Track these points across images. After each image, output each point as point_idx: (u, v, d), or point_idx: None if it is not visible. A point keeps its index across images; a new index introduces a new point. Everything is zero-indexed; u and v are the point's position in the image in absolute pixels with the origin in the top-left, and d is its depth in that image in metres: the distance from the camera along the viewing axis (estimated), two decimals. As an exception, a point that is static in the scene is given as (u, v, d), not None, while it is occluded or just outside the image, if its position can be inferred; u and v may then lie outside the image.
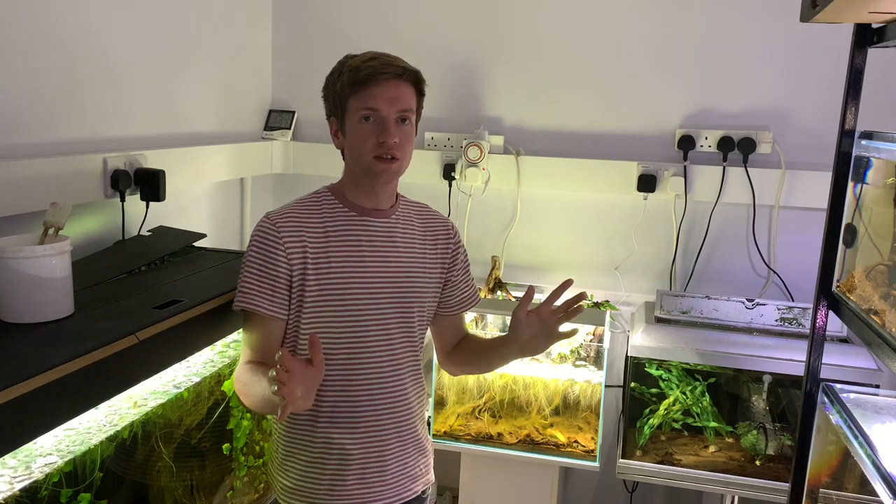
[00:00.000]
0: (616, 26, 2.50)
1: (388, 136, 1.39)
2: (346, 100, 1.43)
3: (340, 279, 1.42)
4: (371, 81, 1.39)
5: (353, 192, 1.48)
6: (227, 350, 1.71)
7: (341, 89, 1.42)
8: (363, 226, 1.46)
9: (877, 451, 1.27)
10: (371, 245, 1.46)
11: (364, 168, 1.43)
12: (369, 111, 1.40)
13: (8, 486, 1.12)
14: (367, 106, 1.40)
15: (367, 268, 1.44)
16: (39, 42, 1.70)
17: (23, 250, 1.30)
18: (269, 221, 1.41)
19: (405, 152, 1.44)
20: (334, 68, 1.47)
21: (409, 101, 1.43)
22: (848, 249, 1.61)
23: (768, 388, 2.14)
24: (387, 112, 1.40)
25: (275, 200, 2.84)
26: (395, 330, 1.48)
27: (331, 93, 1.47)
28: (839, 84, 1.58)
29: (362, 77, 1.40)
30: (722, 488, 2.12)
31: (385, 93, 1.40)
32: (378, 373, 1.46)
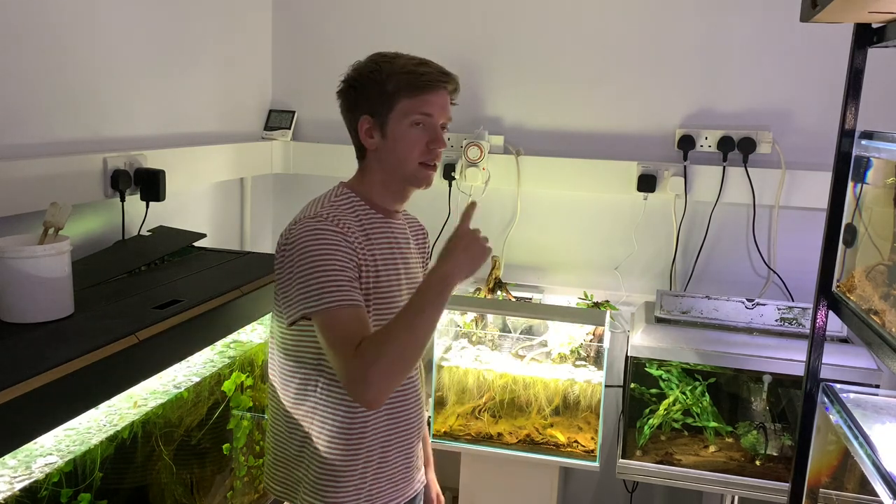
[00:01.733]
0: (616, 26, 2.49)
1: (441, 143, 1.41)
2: (396, 101, 1.39)
3: (384, 282, 1.42)
4: (429, 88, 1.39)
5: (382, 194, 1.46)
6: (227, 350, 1.71)
7: (393, 90, 1.38)
8: (391, 228, 1.47)
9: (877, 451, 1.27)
10: (399, 247, 1.48)
11: (408, 174, 1.42)
12: (423, 117, 1.39)
13: (8, 486, 1.12)
14: (422, 111, 1.39)
15: (399, 270, 1.46)
16: (40, 42, 1.70)
17: (23, 250, 1.30)
18: (330, 222, 1.34)
19: (440, 160, 1.46)
20: (371, 66, 1.41)
21: (450, 112, 1.46)
22: (848, 249, 1.61)
23: (768, 388, 2.14)
24: (437, 119, 1.41)
25: (275, 200, 2.84)
26: None
27: (373, 91, 1.39)
28: (839, 84, 1.58)
29: (422, 82, 1.39)
30: (722, 488, 2.12)
31: (438, 100, 1.41)
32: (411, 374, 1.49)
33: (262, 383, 1.82)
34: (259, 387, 1.81)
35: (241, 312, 1.62)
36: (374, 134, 1.41)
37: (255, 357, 1.79)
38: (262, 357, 1.81)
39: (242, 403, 1.74)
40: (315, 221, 1.34)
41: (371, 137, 1.42)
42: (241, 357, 1.73)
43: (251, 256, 1.97)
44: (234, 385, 1.69)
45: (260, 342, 1.82)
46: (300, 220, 1.36)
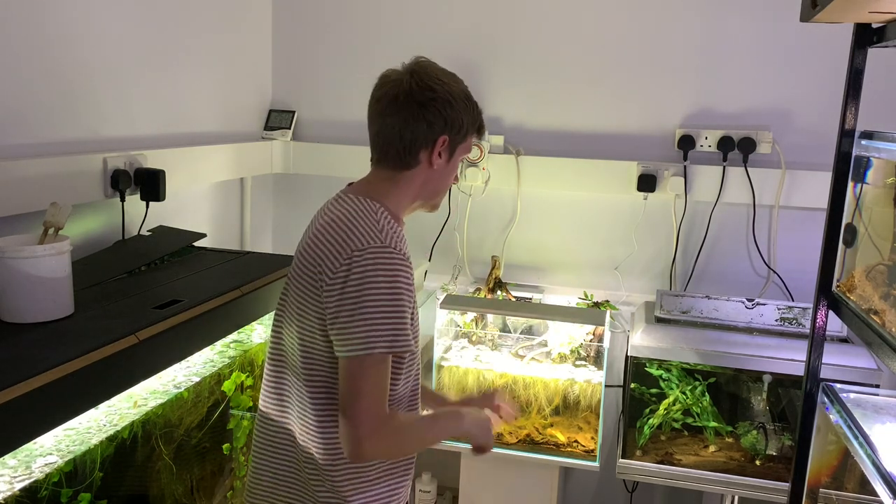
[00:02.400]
0: (616, 26, 2.50)
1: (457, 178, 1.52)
2: (469, 135, 1.45)
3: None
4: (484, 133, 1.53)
5: (405, 208, 1.45)
6: (227, 350, 1.71)
7: (476, 125, 1.45)
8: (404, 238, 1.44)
9: (877, 451, 1.27)
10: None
11: (437, 201, 1.50)
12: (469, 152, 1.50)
13: (8, 486, 1.12)
14: (470, 150, 1.50)
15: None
16: (40, 42, 1.70)
17: (23, 250, 1.30)
18: (401, 255, 1.31)
19: None
20: (466, 92, 1.44)
21: None
22: (848, 249, 1.61)
23: (768, 388, 2.14)
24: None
25: (275, 200, 2.84)
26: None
27: (466, 117, 1.41)
28: (839, 84, 1.58)
29: (484, 127, 1.51)
30: (722, 488, 2.12)
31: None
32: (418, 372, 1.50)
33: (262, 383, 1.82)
34: (259, 387, 1.81)
35: (241, 312, 1.62)
36: (443, 155, 1.40)
37: (255, 357, 1.79)
38: (261, 357, 1.81)
39: (242, 403, 1.74)
40: (387, 255, 1.28)
41: (440, 157, 1.40)
42: (241, 357, 1.73)
43: (251, 256, 1.97)
44: (234, 385, 1.69)
45: (260, 342, 1.82)
46: (367, 248, 1.28)
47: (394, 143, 1.39)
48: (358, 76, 2.70)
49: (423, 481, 2.59)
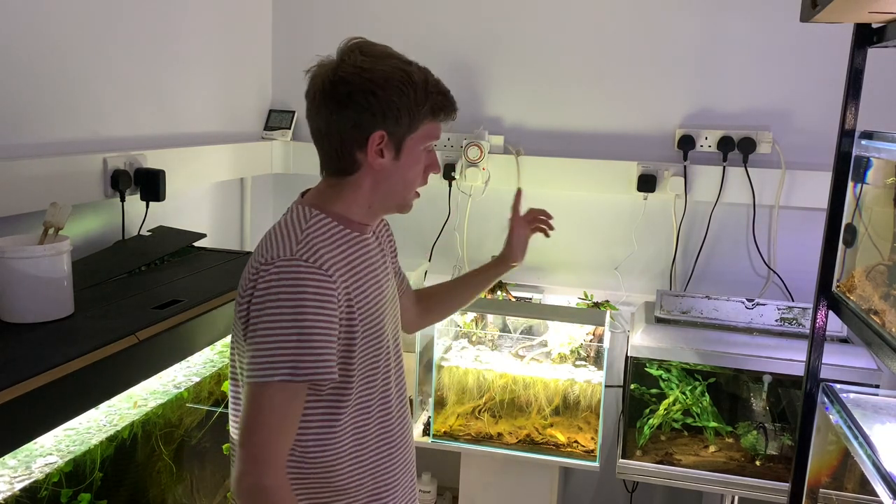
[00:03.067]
0: (616, 26, 2.50)
1: (438, 167, 1.31)
2: (421, 122, 1.22)
3: (374, 309, 1.25)
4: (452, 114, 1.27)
5: (361, 214, 1.27)
6: (227, 350, 1.71)
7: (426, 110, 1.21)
8: (365, 245, 1.28)
9: (877, 451, 1.27)
10: (375, 263, 1.30)
11: (403, 201, 1.29)
12: (433, 142, 1.27)
13: (8, 486, 1.12)
14: (436, 136, 1.27)
15: (381, 289, 1.29)
16: (39, 42, 1.70)
17: (23, 250, 1.30)
18: (315, 267, 1.14)
19: None
20: (398, 74, 1.19)
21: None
22: (848, 249, 1.61)
23: (768, 388, 2.14)
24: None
25: (275, 200, 2.84)
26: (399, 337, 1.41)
27: (402, 104, 1.19)
28: (839, 84, 1.58)
29: (449, 108, 1.25)
30: (722, 488, 2.12)
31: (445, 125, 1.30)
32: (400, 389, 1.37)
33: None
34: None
35: (241, 312, 1.62)
36: (385, 153, 1.21)
37: (255, 357, 1.79)
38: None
39: (242, 403, 1.74)
40: (293, 268, 1.12)
41: (381, 156, 1.21)
42: (241, 357, 1.73)
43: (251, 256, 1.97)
44: (234, 385, 1.69)
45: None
46: (274, 261, 1.14)
47: (325, 148, 1.24)
48: (358, 76, 2.70)
49: (423, 481, 2.59)
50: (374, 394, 1.27)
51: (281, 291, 1.11)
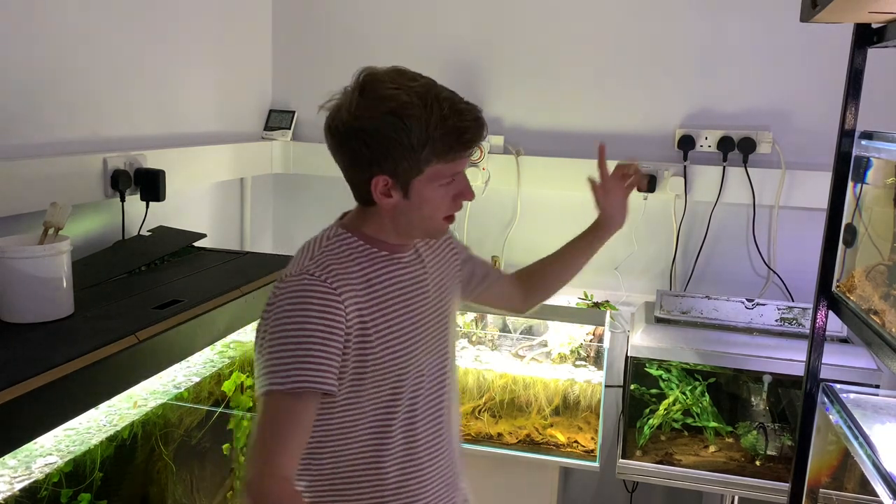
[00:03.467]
0: (616, 26, 2.50)
1: (469, 195, 1.22)
2: (426, 165, 1.16)
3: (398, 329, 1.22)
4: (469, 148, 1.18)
5: (391, 236, 1.25)
6: (227, 350, 1.71)
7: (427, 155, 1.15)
8: (397, 264, 1.25)
9: (877, 451, 1.27)
10: (409, 282, 1.26)
11: (431, 230, 1.25)
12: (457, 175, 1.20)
13: (8, 486, 1.12)
14: (455, 172, 1.19)
15: (412, 308, 1.25)
16: (39, 42, 1.70)
17: (23, 250, 1.30)
18: (319, 280, 1.14)
19: None
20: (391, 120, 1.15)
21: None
22: (848, 249, 1.61)
23: (768, 388, 2.14)
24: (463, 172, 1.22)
25: (275, 200, 2.84)
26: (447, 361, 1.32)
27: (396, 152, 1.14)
28: (839, 84, 1.58)
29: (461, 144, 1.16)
30: (722, 488, 2.12)
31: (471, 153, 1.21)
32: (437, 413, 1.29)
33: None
34: (259, 387, 1.81)
35: (241, 312, 1.62)
36: (392, 193, 1.18)
37: (255, 357, 1.79)
38: (262, 357, 1.81)
39: (242, 403, 1.74)
40: (309, 281, 1.14)
41: (388, 196, 1.18)
42: (241, 357, 1.73)
43: (251, 256, 1.97)
44: (234, 385, 1.69)
45: (260, 342, 1.82)
46: (287, 277, 1.16)
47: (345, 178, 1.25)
48: (358, 76, 2.70)
49: (423, 481, 2.58)
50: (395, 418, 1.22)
51: (285, 303, 1.12)
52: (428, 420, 1.28)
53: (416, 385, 1.25)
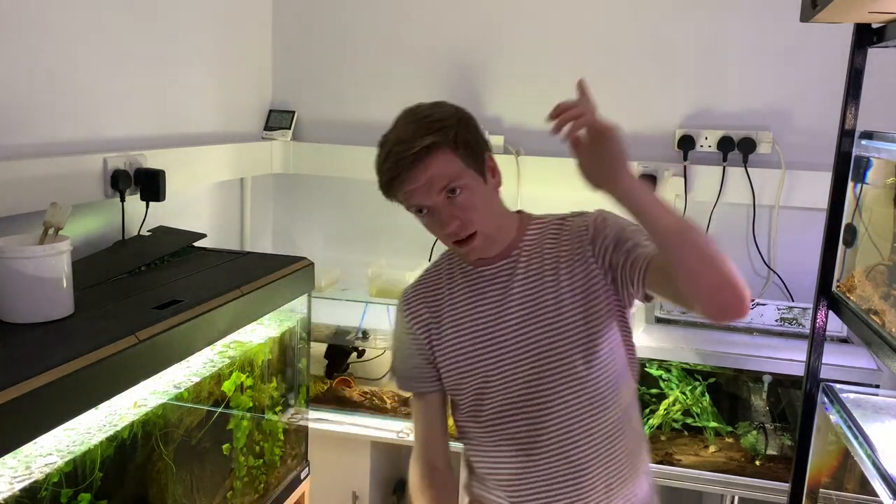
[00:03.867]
0: (616, 26, 2.49)
1: (444, 226, 1.23)
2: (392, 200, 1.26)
3: (461, 345, 1.32)
4: (395, 187, 1.22)
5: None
6: (227, 350, 1.71)
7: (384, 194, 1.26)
8: (478, 278, 1.33)
9: (877, 451, 1.27)
10: (488, 296, 1.31)
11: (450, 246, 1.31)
12: (416, 207, 1.24)
13: (8, 486, 1.12)
14: (411, 205, 1.24)
15: (483, 321, 1.31)
16: (39, 42, 1.70)
17: (23, 250, 1.30)
18: (402, 301, 1.40)
19: (475, 221, 1.24)
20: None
21: (447, 172, 1.20)
22: (848, 249, 1.61)
23: (768, 388, 2.14)
24: (431, 202, 1.21)
25: (275, 200, 2.84)
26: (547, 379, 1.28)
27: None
28: (839, 84, 1.58)
29: (386, 183, 1.23)
30: (722, 488, 2.12)
31: (415, 186, 1.20)
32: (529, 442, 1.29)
33: (261, 383, 1.82)
34: (259, 387, 1.81)
35: (241, 312, 1.62)
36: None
37: (255, 357, 1.79)
38: (262, 357, 1.81)
39: (242, 403, 1.74)
40: (399, 300, 1.42)
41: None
42: (241, 357, 1.73)
43: (251, 256, 1.97)
44: (234, 385, 1.69)
45: (260, 342, 1.82)
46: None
47: None
48: (358, 76, 2.70)
49: (423, 481, 2.58)
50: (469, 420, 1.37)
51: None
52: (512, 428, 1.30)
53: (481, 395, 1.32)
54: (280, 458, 1.95)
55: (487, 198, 1.27)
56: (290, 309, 1.94)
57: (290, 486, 1.98)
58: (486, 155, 1.28)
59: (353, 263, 2.72)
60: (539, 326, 1.28)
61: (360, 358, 2.64)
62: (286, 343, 1.96)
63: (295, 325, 2.00)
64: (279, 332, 1.92)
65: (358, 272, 2.63)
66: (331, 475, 2.41)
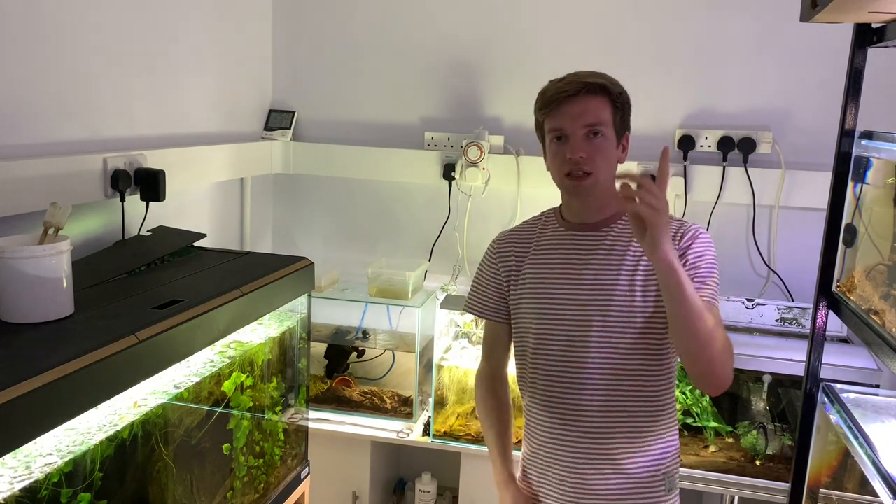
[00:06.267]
0: (616, 26, 2.50)
1: (573, 150, 1.40)
2: (542, 125, 1.48)
3: (528, 291, 1.51)
4: (557, 102, 1.42)
5: (565, 208, 1.54)
6: (227, 350, 1.71)
7: (537, 115, 1.49)
8: (566, 240, 1.50)
9: (877, 451, 1.27)
10: (565, 259, 1.48)
11: (560, 185, 1.47)
12: (558, 131, 1.43)
13: (8, 486, 1.12)
14: (554, 127, 1.44)
15: (551, 281, 1.48)
16: (39, 42, 1.70)
17: (23, 250, 1.30)
18: (497, 237, 1.61)
19: (597, 165, 1.41)
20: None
21: (598, 114, 1.41)
22: (848, 249, 1.61)
23: (768, 388, 2.14)
24: (572, 129, 1.41)
25: (275, 200, 2.84)
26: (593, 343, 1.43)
27: (535, 120, 1.53)
28: (839, 84, 1.58)
29: (548, 99, 1.44)
30: (722, 488, 2.12)
31: (570, 110, 1.41)
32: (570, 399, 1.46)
33: (261, 383, 1.82)
34: (259, 387, 1.81)
35: (241, 312, 1.62)
36: (545, 157, 1.51)
37: (256, 357, 1.79)
38: (262, 357, 1.81)
39: (242, 403, 1.74)
40: (494, 239, 1.62)
41: (545, 159, 1.51)
42: (241, 357, 1.73)
43: (251, 256, 1.97)
44: (234, 385, 1.69)
45: (260, 342, 1.82)
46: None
47: None
48: (358, 76, 2.70)
49: (423, 481, 2.59)
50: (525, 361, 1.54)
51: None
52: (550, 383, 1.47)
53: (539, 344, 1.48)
54: (280, 458, 1.95)
55: (612, 159, 1.45)
56: (290, 309, 1.94)
57: (290, 486, 1.98)
58: (627, 133, 1.48)
59: (353, 263, 2.72)
60: (602, 307, 1.42)
61: (360, 358, 2.64)
62: (286, 343, 1.96)
63: (295, 325, 2.00)
64: (279, 332, 1.92)
65: (358, 272, 2.64)
66: (331, 475, 2.41)
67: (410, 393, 2.50)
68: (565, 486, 1.48)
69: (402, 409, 2.47)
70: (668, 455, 1.49)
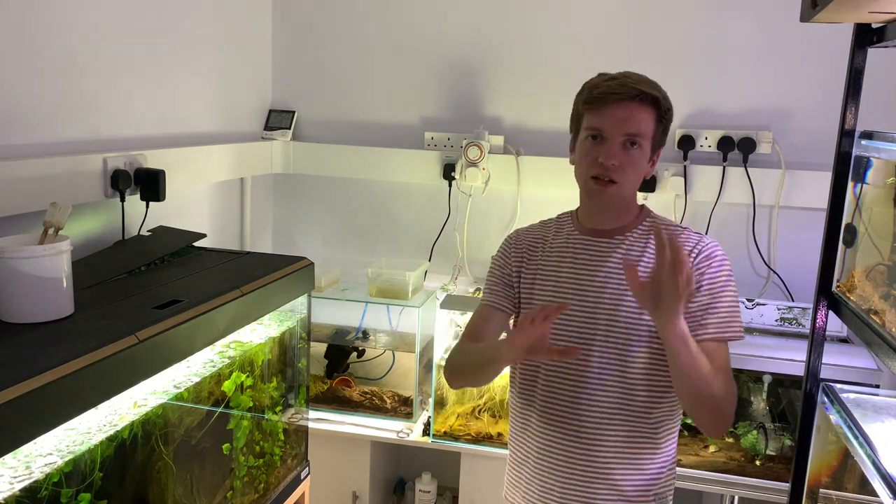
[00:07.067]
0: (616, 26, 2.50)
1: (607, 157, 1.37)
2: (580, 117, 1.43)
3: (536, 291, 1.49)
4: (603, 101, 1.38)
5: (582, 211, 1.52)
6: (227, 350, 1.71)
7: (578, 106, 1.44)
8: (579, 244, 1.48)
9: (877, 451, 1.27)
10: (575, 262, 1.46)
11: (583, 186, 1.45)
12: (596, 130, 1.39)
13: (8, 486, 1.12)
14: (594, 125, 1.39)
15: (559, 283, 1.46)
16: (39, 42, 1.70)
17: (23, 250, 1.30)
18: (513, 232, 1.60)
19: (626, 176, 1.39)
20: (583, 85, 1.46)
21: (641, 125, 1.37)
22: (848, 249, 1.61)
23: (768, 388, 2.14)
24: (611, 133, 1.37)
25: (275, 200, 2.84)
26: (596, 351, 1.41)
27: (573, 109, 1.47)
28: (839, 84, 1.58)
29: (595, 96, 1.39)
30: (722, 488, 2.12)
31: (615, 113, 1.37)
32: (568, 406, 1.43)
33: (261, 383, 1.82)
34: (259, 387, 1.81)
35: (241, 312, 1.62)
36: (572, 150, 1.47)
37: (255, 357, 1.79)
38: (262, 357, 1.81)
39: (242, 403, 1.74)
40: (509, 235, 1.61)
41: (571, 153, 1.47)
42: (241, 357, 1.73)
43: (251, 256, 1.97)
44: (234, 385, 1.69)
45: (260, 342, 1.82)
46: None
47: None
48: (358, 77, 2.70)
49: (423, 481, 2.59)
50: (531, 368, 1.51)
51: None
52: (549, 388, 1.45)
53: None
54: (280, 457, 1.95)
55: (641, 173, 1.43)
56: (290, 309, 1.94)
57: (290, 485, 1.98)
58: (660, 149, 1.46)
59: (353, 263, 2.72)
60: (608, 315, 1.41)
61: (360, 358, 2.65)
62: (286, 343, 1.96)
63: (295, 325, 2.00)
64: (279, 332, 1.92)
65: (358, 272, 2.64)
66: (331, 475, 2.41)
67: (410, 393, 2.50)
68: (553, 495, 1.45)
69: (401, 409, 2.47)
70: (663, 477, 1.46)
